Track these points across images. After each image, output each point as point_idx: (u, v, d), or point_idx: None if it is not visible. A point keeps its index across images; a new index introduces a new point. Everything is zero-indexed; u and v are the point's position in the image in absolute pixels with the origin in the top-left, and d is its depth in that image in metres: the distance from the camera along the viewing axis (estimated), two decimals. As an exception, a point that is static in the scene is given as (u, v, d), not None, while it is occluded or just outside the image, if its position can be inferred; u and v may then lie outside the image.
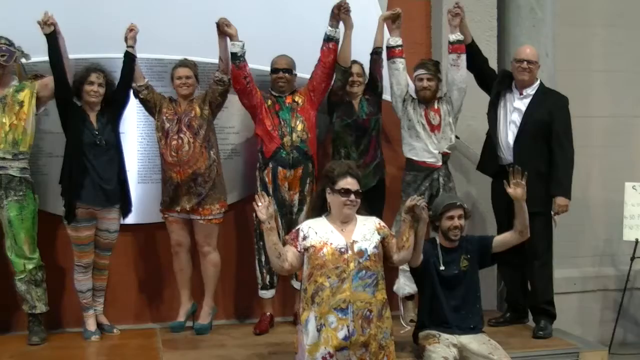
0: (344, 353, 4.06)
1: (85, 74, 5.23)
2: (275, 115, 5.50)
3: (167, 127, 5.37)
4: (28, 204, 5.20)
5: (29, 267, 5.21)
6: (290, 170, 5.48)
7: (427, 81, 5.56)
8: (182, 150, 5.32)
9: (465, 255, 4.85)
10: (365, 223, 4.29)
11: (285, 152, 5.46)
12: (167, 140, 5.36)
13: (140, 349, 5.19)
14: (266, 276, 5.53)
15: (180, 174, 5.33)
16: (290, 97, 5.58)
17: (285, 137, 5.46)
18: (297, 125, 5.50)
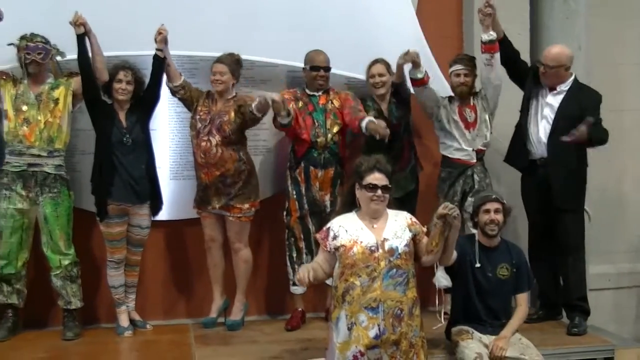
0: (375, 351, 4.04)
1: (114, 72, 5.26)
2: (308, 116, 5.47)
3: (199, 127, 5.36)
4: (63, 201, 5.25)
5: (64, 263, 5.27)
6: (322, 170, 5.47)
7: (464, 77, 5.51)
8: (210, 152, 5.31)
9: (508, 265, 4.78)
10: (397, 219, 4.23)
11: (317, 152, 5.45)
12: (197, 141, 5.36)
13: (172, 345, 5.21)
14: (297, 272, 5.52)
15: (208, 175, 5.34)
16: (325, 97, 5.53)
17: (319, 138, 5.44)
18: (333, 127, 5.48)
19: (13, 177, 5.17)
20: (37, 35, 5.17)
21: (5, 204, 5.18)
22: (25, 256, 5.29)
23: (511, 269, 4.77)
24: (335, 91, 5.59)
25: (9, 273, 5.24)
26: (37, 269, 5.49)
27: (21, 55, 5.16)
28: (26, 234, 5.27)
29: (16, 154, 5.16)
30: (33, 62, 5.16)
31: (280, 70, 5.83)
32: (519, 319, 4.73)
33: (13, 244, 5.21)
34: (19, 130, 5.15)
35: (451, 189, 5.59)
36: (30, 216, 5.25)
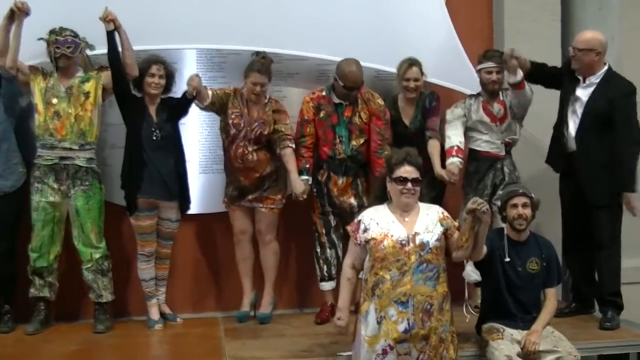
0: (404, 346, 4.02)
1: (146, 66, 5.28)
2: (329, 129, 5.42)
3: (233, 133, 5.33)
4: (95, 194, 5.28)
5: (95, 257, 5.30)
6: (343, 177, 5.46)
7: (496, 74, 5.43)
8: (247, 158, 5.31)
9: (537, 259, 4.72)
10: (429, 213, 4.20)
11: (338, 162, 5.44)
12: (232, 146, 5.34)
13: (202, 338, 5.23)
14: (323, 266, 5.54)
15: (247, 178, 5.36)
16: (351, 108, 5.43)
17: (339, 154, 5.42)
18: (359, 140, 5.43)
19: (45, 171, 5.21)
20: (66, 29, 5.20)
21: (37, 197, 5.22)
22: (57, 249, 5.33)
23: (541, 263, 4.71)
24: (364, 97, 5.44)
25: (41, 266, 5.28)
26: (68, 262, 5.53)
27: (51, 49, 5.19)
28: (58, 227, 5.31)
29: (48, 148, 5.20)
30: (62, 56, 5.19)
31: (308, 63, 5.81)
32: (549, 313, 4.68)
33: (45, 236, 5.25)
34: (49, 124, 5.18)
35: (480, 182, 5.54)
36: (62, 209, 5.29)
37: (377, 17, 5.64)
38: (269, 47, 5.49)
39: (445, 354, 4.11)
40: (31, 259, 5.26)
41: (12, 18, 5.00)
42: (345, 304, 4.28)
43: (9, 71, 5.11)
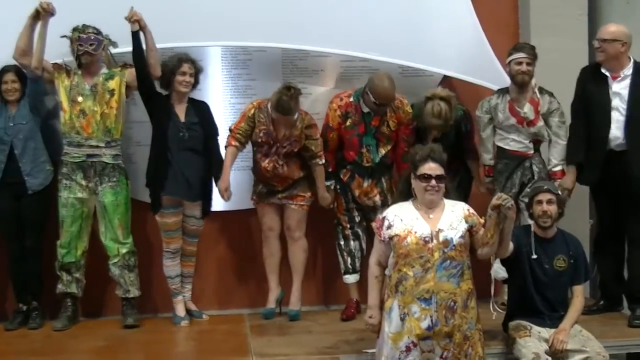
0: (428, 343, 4.01)
1: (177, 64, 5.26)
2: (355, 138, 5.40)
3: (264, 149, 5.32)
4: (121, 190, 5.32)
5: (122, 252, 5.34)
6: (368, 180, 5.47)
7: (526, 65, 5.33)
8: (278, 170, 5.32)
9: (565, 256, 4.67)
10: (454, 209, 4.16)
11: (362, 167, 5.45)
12: (264, 159, 5.33)
13: (228, 335, 5.24)
14: (347, 259, 5.54)
15: (281, 183, 5.38)
16: (379, 117, 5.38)
17: (367, 162, 5.42)
18: (386, 149, 5.44)
19: (73, 168, 5.25)
20: (89, 27, 5.22)
21: (65, 194, 5.26)
22: (84, 245, 5.37)
23: (568, 260, 4.67)
24: (392, 107, 5.36)
25: (69, 262, 5.32)
26: (94, 259, 5.56)
27: (74, 46, 5.22)
28: (85, 223, 5.35)
29: (75, 145, 5.24)
30: (85, 53, 5.21)
31: (333, 59, 5.80)
32: (577, 311, 4.64)
33: (73, 232, 5.29)
34: (75, 122, 5.22)
35: (509, 180, 5.49)
36: (89, 205, 5.32)
37: (402, 12, 5.61)
38: (293, 44, 5.51)
39: (470, 351, 4.08)
40: (59, 254, 5.31)
41: (37, 18, 5.04)
42: (375, 302, 4.27)
43: (35, 71, 5.16)
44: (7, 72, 5.29)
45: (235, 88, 5.77)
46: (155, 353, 4.92)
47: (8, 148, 5.25)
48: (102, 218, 5.34)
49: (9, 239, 5.37)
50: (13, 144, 5.25)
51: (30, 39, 5.09)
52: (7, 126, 5.26)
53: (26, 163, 5.27)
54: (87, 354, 4.87)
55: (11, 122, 5.27)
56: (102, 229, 5.36)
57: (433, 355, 4.03)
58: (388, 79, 5.25)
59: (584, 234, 5.59)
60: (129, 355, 4.87)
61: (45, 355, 4.87)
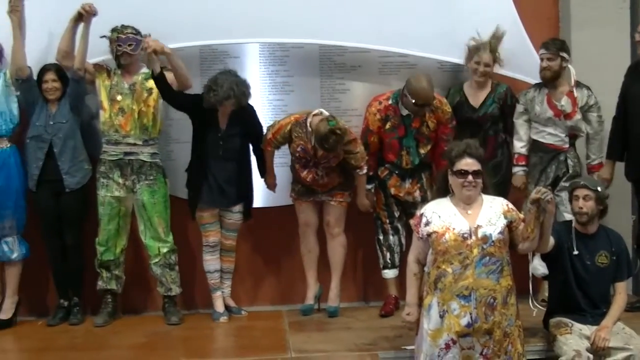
0: (467, 340, 3.98)
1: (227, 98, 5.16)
2: (395, 141, 5.39)
3: (302, 161, 5.32)
4: (159, 188, 5.35)
5: (163, 251, 5.38)
6: (408, 180, 5.47)
7: (546, 61, 5.32)
8: (318, 182, 5.34)
9: (607, 253, 4.59)
10: (492, 205, 4.13)
11: (403, 169, 5.44)
12: (302, 169, 5.34)
13: (267, 331, 5.25)
14: (386, 254, 5.53)
15: (320, 187, 5.38)
16: (419, 119, 5.37)
17: (406, 164, 5.42)
18: (426, 149, 5.43)
19: (110, 166, 5.30)
20: (128, 27, 5.25)
21: (103, 192, 5.31)
22: (123, 243, 5.42)
23: (610, 257, 4.59)
24: (431, 107, 5.34)
25: (108, 259, 5.37)
26: (133, 255, 5.63)
27: (113, 47, 5.26)
28: (124, 221, 5.39)
29: (112, 143, 5.29)
30: (124, 54, 5.25)
31: (371, 55, 5.76)
32: (620, 308, 4.57)
33: (111, 230, 5.34)
34: (114, 120, 5.27)
35: (542, 174, 5.44)
36: (127, 204, 5.37)
37: (440, 7, 5.58)
38: (331, 40, 5.49)
39: (510, 348, 4.05)
40: (98, 252, 5.37)
41: (79, 20, 5.10)
42: (413, 300, 4.26)
43: (77, 72, 5.22)
44: (48, 72, 5.34)
45: (273, 84, 5.77)
46: (194, 349, 4.93)
47: (47, 146, 5.30)
48: (141, 217, 5.38)
49: (49, 236, 5.43)
50: (53, 142, 5.31)
51: (73, 41, 5.16)
52: (47, 124, 5.32)
53: (65, 162, 5.32)
54: (127, 350, 4.90)
55: (51, 120, 5.32)
56: (142, 227, 5.40)
57: (473, 352, 4.01)
58: (426, 79, 5.21)
59: (627, 230, 5.51)
60: (168, 352, 4.88)
61: (86, 350, 4.91)
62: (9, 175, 5.32)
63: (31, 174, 5.33)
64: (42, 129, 5.32)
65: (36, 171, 5.30)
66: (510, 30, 5.59)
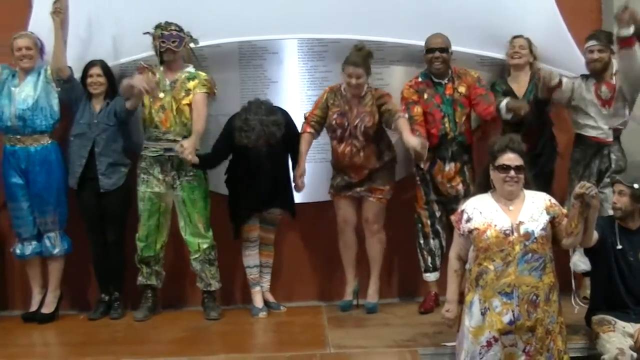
0: (510, 337, 3.95)
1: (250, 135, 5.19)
2: (436, 109, 5.38)
3: (339, 133, 5.32)
4: (200, 184, 5.37)
5: (203, 247, 5.39)
6: (450, 164, 5.40)
7: (597, 53, 5.25)
8: (356, 156, 5.30)
9: None
10: (534, 200, 4.09)
11: (445, 148, 5.38)
12: (340, 145, 5.33)
13: (306, 326, 5.26)
14: (427, 258, 5.50)
15: (356, 173, 5.35)
16: (451, 85, 5.40)
17: (448, 134, 5.37)
18: (461, 118, 5.38)
19: (150, 162, 5.33)
20: (172, 24, 5.28)
21: (143, 188, 5.34)
22: (163, 239, 5.45)
23: None
24: (458, 73, 5.43)
25: (148, 255, 5.41)
26: (173, 251, 5.66)
27: (156, 43, 5.29)
28: (164, 218, 5.42)
29: (153, 140, 5.32)
30: (168, 51, 5.28)
31: (409, 50, 5.72)
32: None
33: (151, 226, 5.38)
34: (155, 117, 5.30)
35: (586, 169, 5.36)
36: (167, 200, 5.40)
37: (480, 1, 5.52)
38: (370, 36, 5.47)
39: (552, 345, 4.02)
40: (138, 248, 5.41)
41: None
42: (453, 296, 4.24)
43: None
44: (94, 66, 5.40)
45: (312, 80, 5.76)
46: (233, 344, 4.95)
47: (91, 144, 5.36)
48: (181, 213, 5.40)
49: (92, 232, 5.48)
50: (95, 141, 5.36)
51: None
52: (91, 122, 5.37)
53: (103, 162, 5.36)
54: (167, 344, 4.94)
55: (95, 119, 5.37)
56: (182, 223, 5.42)
57: (515, 349, 3.98)
58: (439, 33, 5.38)
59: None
60: (208, 346, 4.90)
61: (127, 344, 4.96)
62: (50, 171, 5.38)
63: (74, 171, 5.39)
64: (86, 127, 5.37)
65: (79, 169, 5.36)
66: (551, 24, 5.53)
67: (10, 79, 5.40)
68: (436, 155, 5.40)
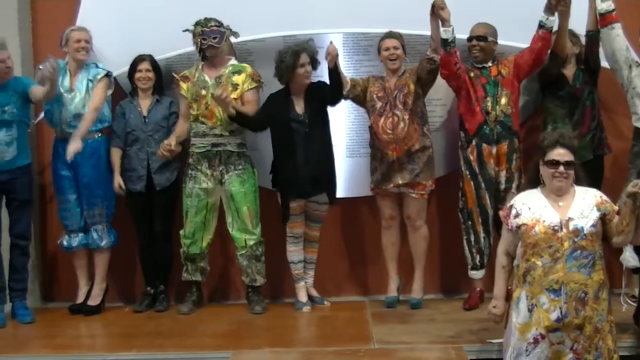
0: (557, 334, 3.90)
1: (295, 57, 5.22)
2: (480, 88, 5.36)
3: (379, 106, 5.33)
4: (249, 178, 5.39)
5: (249, 243, 5.40)
6: (495, 146, 5.33)
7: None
8: (398, 127, 5.28)
9: None
10: (585, 197, 4.02)
11: (489, 128, 5.32)
12: (381, 119, 5.32)
13: (350, 321, 5.25)
14: (476, 256, 5.44)
15: (396, 150, 5.30)
16: (495, 67, 5.39)
17: (490, 113, 5.31)
18: (502, 99, 5.33)
19: (198, 158, 5.36)
20: (211, 19, 5.30)
21: (191, 184, 5.37)
22: (209, 237, 5.48)
23: None
24: (501, 60, 5.43)
25: (194, 253, 5.45)
26: (219, 245, 5.70)
27: (197, 40, 5.31)
28: (210, 215, 5.44)
29: (200, 135, 5.34)
30: (210, 47, 5.30)
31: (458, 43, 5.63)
32: None
33: (198, 223, 5.40)
34: (200, 113, 5.32)
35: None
36: (214, 197, 5.42)
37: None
38: (414, 29, 5.44)
39: (601, 344, 3.95)
40: (184, 244, 5.44)
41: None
42: (501, 293, 4.20)
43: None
44: (142, 61, 5.46)
45: (357, 74, 5.71)
46: (278, 338, 4.96)
47: (145, 145, 5.43)
48: (229, 208, 5.41)
49: (140, 225, 5.55)
50: (148, 141, 5.42)
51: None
52: (141, 124, 5.44)
53: (156, 161, 5.42)
54: (212, 338, 4.96)
55: (145, 119, 5.45)
56: (229, 219, 5.44)
57: (563, 347, 3.93)
58: (482, 22, 5.38)
59: None
60: (252, 340, 4.91)
61: (171, 337, 4.99)
62: (99, 164, 5.45)
63: (138, 176, 5.45)
64: (139, 131, 5.45)
65: (143, 172, 5.44)
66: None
67: (62, 75, 5.41)
68: (482, 140, 5.35)
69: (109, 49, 5.60)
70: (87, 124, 5.32)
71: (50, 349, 4.84)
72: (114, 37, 5.61)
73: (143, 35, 5.54)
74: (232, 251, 5.55)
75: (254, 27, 5.39)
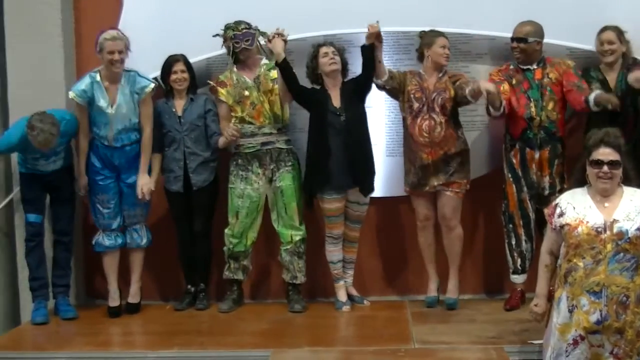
0: (596, 337, 3.85)
1: (316, 50, 5.28)
2: (522, 95, 5.28)
3: (417, 107, 5.28)
4: (298, 174, 5.44)
5: (295, 239, 5.43)
6: (538, 151, 5.28)
7: None
8: (435, 131, 5.24)
9: None
10: (633, 199, 3.93)
11: (532, 133, 5.26)
12: (417, 120, 5.28)
13: (389, 321, 5.24)
14: (517, 260, 5.40)
15: (431, 154, 5.26)
16: (541, 71, 5.31)
17: (534, 118, 5.25)
18: (548, 104, 5.25)
19: (248, 158, 5.39)
20: (241, 22, 5.32)
21: (242, 185, 5.40)
22: (254, 235, 5.50)
23: None
24: (552, 62, 5.33)
25: (239, 251, 5.48)
26: (261, 243, 5.70)
27: (229, 44, 5.34)
28: (258, 215, 5.47)
29: (249, 136, 5.37)
30: (243, 50, 5.33)
31: (497, 42, 5.63)
32: None
33: (247, 224, 5.43)
34: (246, 114, 5.35)
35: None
36: (264, 196, 5.45)
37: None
38: (457, 28, 5.42)
39: (643, 350, 3.90)
40: (230, 243, 5.47)
41: None
42: (543, 291, 4.16)
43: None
44: (177, 62, 5.45)
45: (397, 74, 5.72)
46: (318, 337, 4.96)
47: (182, 145, 5.45)
48: (275, 205, 5.44)
49: (180, 224, 5.59)
50: (184, 141, 5.44)
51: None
52: (176, 124, 5.45)
53: (193, 161, 5.45)
54: (252, 336, 4.98)
55: (180, 119, 5.45)
56: (274, 216, 5.47)
57: (602, 350, 3.87)
58: (525, 21, 5.30)
59: None
60: (292, 339, 4.93)
61: (212, 335, 5.03)
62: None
63: (176, 176, 5.47)
64: (175, 132, 5.46)
65: (180, 172, 5.46)
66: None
67: (98, 92, 5.32)
68: (526, 145, 5.30)
69: (147, 50, 5.57)
70: (148, 154, 5.37)
71: (93, 346, 4.90)
72: (154, 37, 5.63)
73: (181, 37, 5.56)
74: (273, 249, 5.57)
75: (296, 26, 5.37)
